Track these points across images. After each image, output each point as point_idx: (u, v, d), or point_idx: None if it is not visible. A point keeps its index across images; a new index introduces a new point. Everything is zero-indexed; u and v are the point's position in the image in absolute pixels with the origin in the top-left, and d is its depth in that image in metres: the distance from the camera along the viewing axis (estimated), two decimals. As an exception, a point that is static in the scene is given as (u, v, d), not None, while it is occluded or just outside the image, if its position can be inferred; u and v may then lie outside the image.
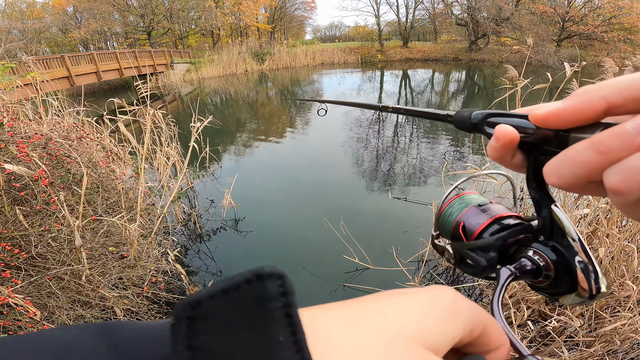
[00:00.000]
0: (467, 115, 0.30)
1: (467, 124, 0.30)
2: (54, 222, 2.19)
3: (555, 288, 0.26)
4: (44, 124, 3.18)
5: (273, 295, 0.14)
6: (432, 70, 22.50)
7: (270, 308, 0.14)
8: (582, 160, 0.18)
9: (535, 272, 0.26)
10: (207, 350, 0.13)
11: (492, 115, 0.28)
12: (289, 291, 0.15)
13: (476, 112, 0.30)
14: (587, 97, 0.19)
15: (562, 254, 0.25)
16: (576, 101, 0.19)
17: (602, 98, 0.18)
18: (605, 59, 3.14)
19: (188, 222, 3.91)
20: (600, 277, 0.23)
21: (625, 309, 1.80)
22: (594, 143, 0.18)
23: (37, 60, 11.63)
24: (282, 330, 0.14)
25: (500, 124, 0.25)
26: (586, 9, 24.97)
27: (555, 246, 0.26)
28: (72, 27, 29.65)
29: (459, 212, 0.34)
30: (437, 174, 4.91)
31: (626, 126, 0.17)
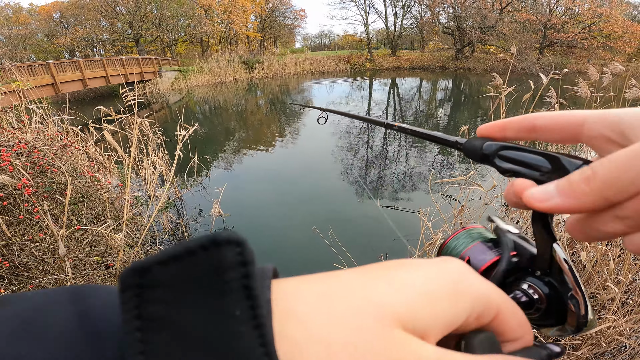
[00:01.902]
0: (479, 145, 0.29)
1: (478, 154, 0.30)
2: (37, 231, 2.14)
3: (543, 320, 0.26)
4: (27, 132, 3.12)
5: (230, 264, 0.13)
6: (419, 79, 22.83)
7: (226, 278, 0.13)
8: (611, 230, 0.19)
9: (528, 304, 0.26)
10: (157, 320, 0.13)
11: (506, 148, 0.28)
12: (248, 260, 0.14)
13: (489, 143, 0.29)
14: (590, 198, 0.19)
15: (556, 290, 0.25)
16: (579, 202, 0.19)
17: (606, 199, 0.18)
18: (586, 66, 3.24)
19: (176, 231, 3.86)
20: (589, 314, 0.24)
21: (609, 311, 1.83)
22: (621, 217, 0.19)
23: (22, 66, 11.44)
24: (239, 304, 0.13)
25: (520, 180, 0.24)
26: (567, 16, 25.77)
27: (550, 282, 0.26)
28: (58, 34, 29.35)
29: (464, 246, 0.32)
30: (424, 183, 4.96)
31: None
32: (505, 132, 0.28)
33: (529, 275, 0.27)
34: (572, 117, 0.24)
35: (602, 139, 0.22)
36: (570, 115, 0.24)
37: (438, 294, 0.16)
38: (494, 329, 0.19)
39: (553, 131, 0.25)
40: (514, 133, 0.28)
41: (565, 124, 0.24)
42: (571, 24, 25.19)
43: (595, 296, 2.05)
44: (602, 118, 0.22)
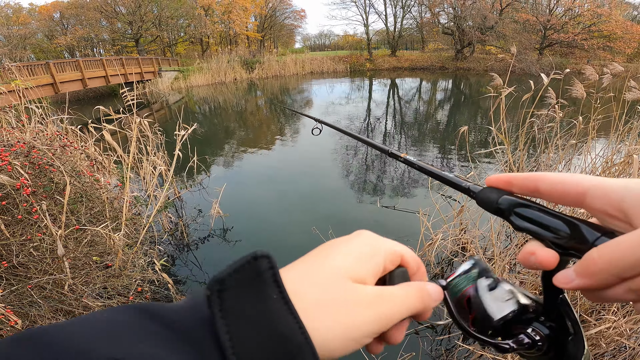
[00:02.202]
0: (495, 199, 0.30)
1: (492, 206, 0.30)
2: (35, 231, 2.14)
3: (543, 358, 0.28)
4: (26, 132, 3.11)
5: (265, 269, 0.23)
6: (419, 79, 22.84)
7: (264, 277, 0.22)
8: (623, 299, 0.23)
9: (530, 346, 0.28)
10: (231, 310, 0.21)
11: (523, 206, 0.28)
12: (274, 265, 0.23)
13: (505, 197, 0.29)
14: (604, 277, 0.22)
15: (557, 334, 0.27)
16: (595, 281, 0.23)
17: (618, 278, 0.22)
18: (586, 67, 3.23)
19: (175, 231, 3.85)
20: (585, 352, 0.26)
21: (609, 312, 1.83)
22: (634, 290, 0.22)
23: (22, 66, 11.44)
24: (274, 291, 0.22)
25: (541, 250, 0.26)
26: (567, 16, 25.78)
27: (553, 326, 0.28)
28: (58, 34, 29.33)
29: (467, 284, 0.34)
30: (424, 183, 4.96)
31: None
32: (511, 187, 0.30)
33: (534, 320, 0.29)
34: (575, 186, 0.26)
35: (604, 214, 0.24)
36: (572, 184, 0.26)
37: (364, 255, 0.27)
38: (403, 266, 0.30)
39: (555, 197, 0.27)
40: (518, 189, 0.30)
41: (567, 193, 0.26)
42: (571, 24, 25.20)
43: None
44: (604, 194, 0.24)
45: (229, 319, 0.21)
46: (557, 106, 3.03)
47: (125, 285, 2.52)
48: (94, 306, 2.19)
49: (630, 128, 3.30)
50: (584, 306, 1.98)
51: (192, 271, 3.21)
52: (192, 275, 3.16)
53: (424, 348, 2.28)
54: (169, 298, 2.74)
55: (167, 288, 2.74)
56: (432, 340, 2.35)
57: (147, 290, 2.65)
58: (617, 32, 23.61)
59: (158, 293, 2.77)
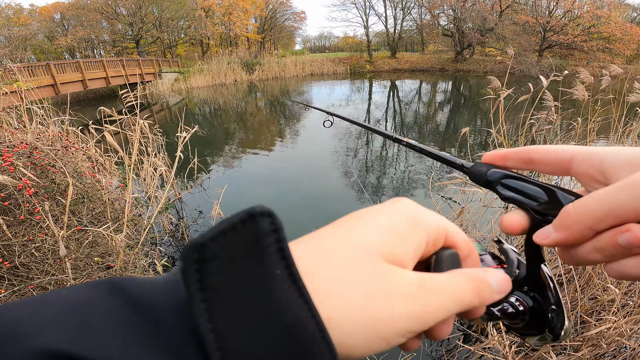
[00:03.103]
0: (484, 172, 0.32)
1: (482, 179, 0.32)
2: (37, 232, 2.14)
3: (526, 330, 0.30)
4: (28, 133, 3.12)
5: (266, 232, 0.16)
6: (419, 81, 22.87)
7: (264, 244, 0.16)
8: (591, 259, 0.24)
9: (514, 315, 0.29)
10: (216, 288, 0.15)
11: (509, 177, 0.30)
12: (278, 227, 0.17)
13: (493, 170, 0.31)
14: (578, 229, 0.23)
15: (540, 304, 0.29)
16: (571, 235, 0.24)
17: (591, 229, 0.23)
18: (581, 69, 3.24)
19: (176, 232, 3.85)
20: (565, 325, 0.27)
21: (610, 312, 1.83)
22: (598, 249, 0.23)
23: (22, 67, 11.45)
24: (278, 264, 0.16)
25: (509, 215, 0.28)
26: (566, 18, 25.81)
27: (535, 296, 0.29)
28: (59, 35, 29.34)
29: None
30: (424, 184, 4.97)
31: (619, 240, 0.21)
32: (506, 161, 0.31)
33: (518, 290, 0.30)
34: (563, 153, 0.28)
35: (588, 177, 0.26)
36: (561, 151, 0.28)
37: (403, 229, 0.21)
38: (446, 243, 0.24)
39: (546, 164, 0.29)
40: (513, 163, 0.31)
41: (556, 159, 0.28)
42: (570, 26, 25.24)
43: (595, 297, 2.05)
44: (588, 157, 0.26)
45: (212, 302, 0.15)
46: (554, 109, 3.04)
47: (126, 286, 2.51)
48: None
49: (630, 130, 3.31)
50: (584, 307, 1.99)
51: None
52: (192, 276, 3.16)
53: (425, 349, 2.29)
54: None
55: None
56: (432, 341, 2.36)
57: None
58: (616, 34, 23.64)
59: (159, 294, 2.77)
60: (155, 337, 0.15)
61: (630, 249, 0.21)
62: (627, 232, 0.21)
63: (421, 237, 0.22)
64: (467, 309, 0.22)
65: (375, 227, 0.21)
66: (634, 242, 0.21)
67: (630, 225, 0.21)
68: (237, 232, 0.16)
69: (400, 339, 0.19)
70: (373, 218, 0.22)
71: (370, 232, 0.20)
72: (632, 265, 0.22)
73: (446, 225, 0.24)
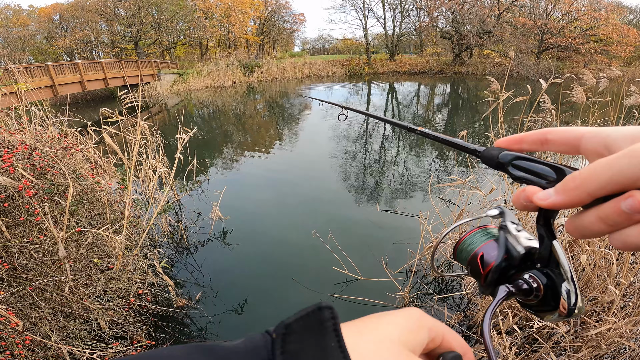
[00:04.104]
0: (496, 154, 0.33)
1: (494, 161, 0.34)
2: (37, 233, 2.14)
3: (541, 306, 0.31)
4: (27, 134, 3.11)
5: (327, 319, 0.24)
6: (418, 83, 22.93)
7: (326, 326, 0.23)
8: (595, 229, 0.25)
9: (528, 292, 0.31)
10: (292, 354, 0.22)
11: (519, 159, 0.32)
12: (335, 316, 0.24)
13: (505, 153, 0.33)
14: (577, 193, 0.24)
15: (553, 280, 0.30)
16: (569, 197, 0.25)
17: (589, 195, 0.24)
18: (582, 71, 3.26)
19: (175, 234, 3.85)
20: (578, 301, 0.29)
21: (609, 313, 1.84)
22: (602, 218, 0.24)
23: (21, 68, 11.42)
24: (333, 339, 0.23)
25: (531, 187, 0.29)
26: (564, 20, 25.94)
27: (548, 273, 0.30)
28: (58, 36, 29.30)
29: (479, 243, 0.37)
30: (423, 187, 4.98)
31: (622, 206, 0.22)
32: (522, 144, 0.33)
33: (531, 267, 0.32)
34: (573, 132, 0.29)
35: (594, 152, 0.27)
36: (572, 131, 0.29)
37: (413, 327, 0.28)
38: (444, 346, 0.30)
39: (559, 144, 0.31)
40: (529, 145, 0.33)
41: (568, 138, 0.30)
42: (568, 28, 25.35)
43: (595, 299, 2.06)
44: (596, 134, 0.27)
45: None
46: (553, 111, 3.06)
47: (125, 287, 2.52)
48: (94, 308, 2.19)
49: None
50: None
51: (192, 274, 3.21)
52: (191, 277, 3.16)
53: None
54: (169, 301, 2.75)
55: (167, 290, 2.75)
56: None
57: (147, 292, 2.65)
58: (614, 36, 23.77)
59: (158, 295, 2.77)
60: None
61: (632, 215, 0.22)
62: (630, 198, 0.22)
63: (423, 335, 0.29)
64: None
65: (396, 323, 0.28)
66: (637, 207, 0.21)
67: (633, 192, 0.22)
68: (310, 317, 0.24)
69: None
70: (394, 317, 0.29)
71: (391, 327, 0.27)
72: (636, 234, 0.22)
73: (444, 330, 0.31)
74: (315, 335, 0.23)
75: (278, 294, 2.95)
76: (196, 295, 2.89)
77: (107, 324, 2.28)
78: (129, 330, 2.39)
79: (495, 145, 0.35)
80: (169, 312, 2.64)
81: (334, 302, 2.77)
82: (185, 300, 2.82)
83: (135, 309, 2.52)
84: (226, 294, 2.93)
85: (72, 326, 2.12)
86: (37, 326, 2.00)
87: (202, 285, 3.05)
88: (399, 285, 2.81)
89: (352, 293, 2.85)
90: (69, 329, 2.12)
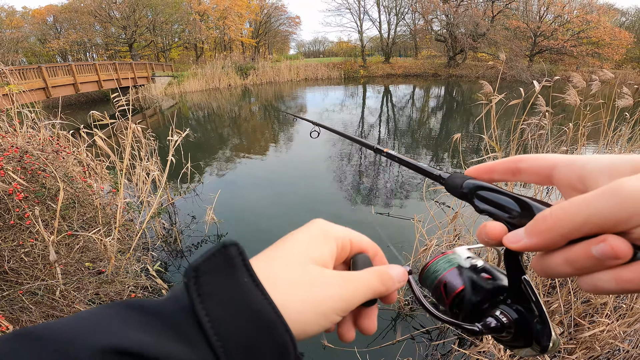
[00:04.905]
0: (459, 183, 0.32)
1: (457, 191, 0.32)
2: (27, 237, 2.11)
3: (514, 342, 0.29)
4: (18, 137, 3.08)
5: (235, 255, 0.24)
6: (413, 86, 23.04)
7: (235, 262, 0.24)
8: (562, 271, 0.23)
9: (499, 329, 0.29)
10: (208, 293, 0.23)
11: (483, 189, 0.30)
12: (242, 251, 0.25)
13: (468, 182, 0.31)
14: (550, 236, 0.22)
15: (524, 316, 0.28)
16: (541, 240, 0.23)
17: (563, 237, 0.22)
18: (573, 74, 3.29)
19: (168, 238, 3.82)
20: (552, 337, 0.27)
21: (603, 315, 1.85)
22: (569, 261, 0.22)
23: (14, 70, 11.31)
24: (245, 274, 0.24)
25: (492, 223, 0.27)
26: (556, 23, 26.23)
27: (519, 309, 0.29)
28: (51, 37, 29.09)
29: (443, 270, 0.35)
30: (418, 190, 4.99)
31: (593, 251, 0.20)
32: (492, 174, 0.32)
33: (502, 303, 0.30)
34: (545, 160, 0.27)
35: (568, 185, 0.25)
36: (544, 159, 0.28)
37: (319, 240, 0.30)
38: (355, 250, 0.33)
39: (530, 173, 0.29)
40: (499, 175, 0.31)
41: (540, 167, 0.28)
42: (560, 31, 25.65)
43: (588, 300, 2.07)
44: (569, 163, 0.25)
45: (207, 303, 0.22)
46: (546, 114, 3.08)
47: (118, 291, 2.49)
48: (86, 313, 2.16)
49: (619, 135, 3.36)
50: (577, 310, 2.00)
51: (186, 277, 3.18)
52: (185, 281, 3.13)
53: (420, 353, 2.28)
54: (163, 305, 2.71)
55: (161, 294, 2.72)
56: (428, 345, 2.35)
57: (140, 296, 2.62)
58: (605, 39, 24.07)
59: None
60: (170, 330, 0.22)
61: (604, 261, 0.20)
62: (603, 243, 0.20)
63: (332, 245, 0.30)
64: (378, 294, 0.30)
65: (301, 242, 0.29)
66: (609, 253, 0.20)
67: (606, 236, 0.20)
68: (217, 257, 0.24)
69: (335, 316, 0.27)
70: (300, 235, 0.30)
71: (299, 245, 0.29)
72: (607, 279, 0.21)
73: (349, 234, 0.33)
74: (227, 274, 0.24)
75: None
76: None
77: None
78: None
79: (466, 173, 0.33)
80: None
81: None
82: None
83: (128, 313, 2.49)
84: (220, 298, 2.90)
85: (63, 330, 2.09)
86: (27, 331, 1.97)
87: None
88: (394, 287, 2.80)
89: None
90: (60, 333, 2.09)
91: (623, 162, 0.22)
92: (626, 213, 0.19)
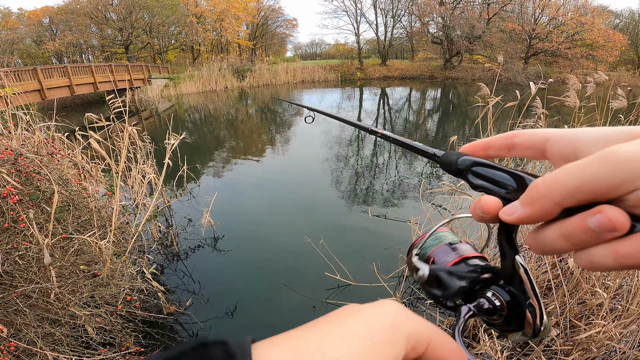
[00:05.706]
0: (454, 160, 0.31)
1: (452, 168, 0.31)
2: (21, 240, 2.09)
3: (506, 326, 0.29)
4: (12, 139, 3.05)
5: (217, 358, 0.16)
6: (409, 88, 23.12)
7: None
8: (557, 247, 0.22)
9: (491, 311, 0.28)
10: None
11: (478, 165, 0.29)
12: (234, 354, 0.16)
13: (463, 158, 0.30)
14: (543, 204, 0.21)
15: (516, 298, 0.27)
16: (536, 209, 0.22)
17: (557, 204, 0.21)
18: (569, 76, 3.31)
19: (165, 240, 3.80)
20: (544, 320, 0.26)
21: (599, 317, 1.85)
22: (565, 235, 0.21)
23: (9, 71, 11.24)
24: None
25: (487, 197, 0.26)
26: (551, 25, 26.44)
27: (511, 290, 0.28)
28: (47, 39, 28.97)
29: (430, 248, 0.35)
30: (415, 192, 5.00)
31: (589, 223, 0.19)
32: (489, 150, 0.30)
33: (494, 284, 0.29)
34: (539, 135, 0.27)
35: (561, 157, 0.25)
36: (538, 133, 0.27)
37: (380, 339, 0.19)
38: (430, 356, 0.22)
39: (525, 148, 0.28)
40: (495, 151, 0.30)
41: (534, 142, 0.27)
42: (555, 33, 25.86)
43: (584, 302, 2.07)
44: (562, 136, 0.25)
45: None
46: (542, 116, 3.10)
47: (113, 294, 2.47)
48: (80, 315, 2.15)
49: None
50: (573, 311, 2.01)
51: (182, 280, 3.17)
52: (182, 284, 3.12)
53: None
54: (159, 307, 2.70)
55: (157, 297, 2.70)
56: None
57: (136, 299, 2.61)
58: (600, 41, 24.26)
59: (147, 302, 2.72)
60: None
61: (601, 233, 0.19)
62: (599, 214, 0.19)
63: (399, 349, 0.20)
64: None
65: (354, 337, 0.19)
66: (606, 224, 0.19)
67: (602, 207, 0.19)
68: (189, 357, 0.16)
69: None
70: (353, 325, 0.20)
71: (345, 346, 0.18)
72: (604, 254, 0.20)
73: (430, 334, 0.22)
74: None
75: (269, 299, 2.92)
76: (186, 302, 2.85)
77: (94, 331, 2.23)
78: (118, 337, 2.34)
79: (461, 151, 0.32)
80: (158, 318, 2.59)
81: (326, 307, 2.76)
82: (175, 306, 2.78)
83: (124, 315, 2.48)
84: (217, 300, 2.90)
85: (59, 332, 2.08)
86: (22, 332, 1.96)
87: (193, 292, 3.00)
88: (391, 290, 2.80)
89: (344, 298, 2.83)
90: (55, 335, 2.08)
91: (617, 133, 0.22)
92: (620, 178, 0.18)
